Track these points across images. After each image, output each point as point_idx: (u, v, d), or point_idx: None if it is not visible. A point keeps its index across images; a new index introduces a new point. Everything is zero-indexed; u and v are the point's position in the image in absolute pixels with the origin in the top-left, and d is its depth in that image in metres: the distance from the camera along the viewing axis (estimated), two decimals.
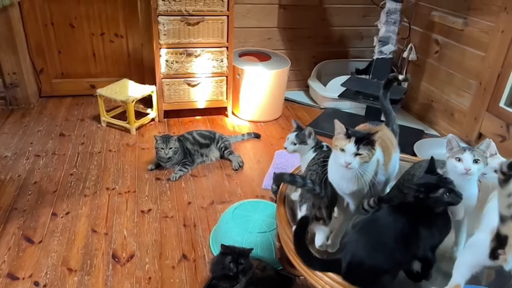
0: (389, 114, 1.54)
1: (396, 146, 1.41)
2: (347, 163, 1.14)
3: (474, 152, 1.17)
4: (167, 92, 2.99)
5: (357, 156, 1.14)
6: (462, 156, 1.17)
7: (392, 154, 1.34)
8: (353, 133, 1.16)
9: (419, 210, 1.12)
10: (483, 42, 2.64)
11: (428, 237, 1.11)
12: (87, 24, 3.19)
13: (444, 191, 1.09)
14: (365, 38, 3.71)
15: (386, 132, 1.38)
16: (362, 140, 1.13)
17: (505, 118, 2.50)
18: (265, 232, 1.83)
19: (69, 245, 1.91)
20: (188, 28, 2.82)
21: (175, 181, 2.41)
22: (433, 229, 1.12)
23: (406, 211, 1.14)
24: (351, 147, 1.13)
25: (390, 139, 1.37)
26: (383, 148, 1.29)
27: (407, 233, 1.11)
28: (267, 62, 3.17)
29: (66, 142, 2.74)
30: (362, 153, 1.13)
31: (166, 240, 1.97)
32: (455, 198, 1.09)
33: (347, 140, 1.14)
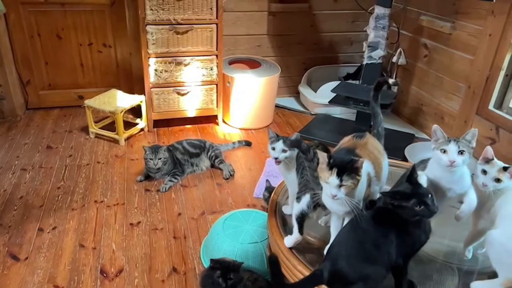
0: (376, 116, 1.52)
1: (383, 152, 1.39)
2: (332, 195, 1.12)
3: (459, 143, 1.17)
4: (156, 102, 2.96)
5: (342, 187, 1.11)
6: (447, 147, 1.16)
7: (382, 163, 1.32)
8: (335, 163, 1.12)
9: (393, 217, 1.11)
10: (471, 46, 2.65)
11: (400, 245, 1.10)
12: (74, 35, 3.16)
13: (415, 202, 1.06)
14: (354, 44, 3.71)
15: (372, 141, 1.35)
16: (345, 169, 1.11)
17: (494, 121, 2.50)
18: (257, 242, 1.80)
19: (55, 261, 1.86)
20: (177, 37, 2.79)
21: (165, 192, 2.37)
22: (406, 238, 1.10)
23: (382, 217, 1.13)
24: (334, 180, 1.11)
25: (377, 147, 1.35)
26: (373, 161, 1.27)
27: (381, 240, 1.10)
28: (257, 69, 3.16)
29: (53, 155, 2.70)
30: (346, 184, 1.11)
31: (155, 253, 1.93)
32: (425, 211, 1.05)
33: (330, 172, 1.12)
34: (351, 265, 1.10)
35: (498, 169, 1.15)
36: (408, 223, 1.09)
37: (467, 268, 1.35)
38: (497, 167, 1.16)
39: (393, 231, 1.10)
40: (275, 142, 1.42)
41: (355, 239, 1.13)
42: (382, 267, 1.11)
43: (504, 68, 2.43)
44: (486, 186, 1.16)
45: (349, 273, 1.10)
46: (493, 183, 1.15)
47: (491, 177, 1.16)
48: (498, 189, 1.16)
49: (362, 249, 1.11)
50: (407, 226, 1.09)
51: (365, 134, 1.37)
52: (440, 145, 1.19)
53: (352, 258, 1.11)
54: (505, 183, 1.15)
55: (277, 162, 1.44)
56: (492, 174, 1.16)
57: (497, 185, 1.15)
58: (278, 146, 1.41)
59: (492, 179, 1.16)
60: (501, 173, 1.14)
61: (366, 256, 1.10)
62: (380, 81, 1.53)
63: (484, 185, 1.17)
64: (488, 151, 1.18)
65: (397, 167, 1.84)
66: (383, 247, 1.10)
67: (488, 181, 1.16)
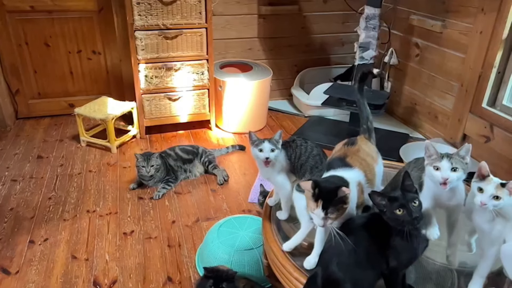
0: (363, 110, 1.48)
1: (377, 156, 1.36)
2: (320, 225, 1.10)
3: (453, 159, 1.10)
4: (148, 108, 2.92)
5: (328, 218, 1.09)
6: (439, 164, 1.10)
7: (375, 169, 1.29)
8: (320, 193, 1.08)
9: (385, 226, 1.07)
10: (462, 44, 2.65)
11: (392, 255, 1.07)
12: (62, 42, 3.12)
13: (397, 205, 1.02)
14: (346, 45, 3.70)
15: (364, 147, 1.32)
16: (330, 201, 1.07)
17: (488, 119, 2.50)
18: (252, 249, 1.77)
19: (47, 274, 1.81)
20: (167, 42, 2.77)
21: (158, 200, 2.33)
22: (397, 249, 1.06)
23: (374, 226, 1.10)
24: (319, 212, 1.08)
25: (370, 153, 1.31)
26: (365, 168, 1.24)
27: (372, 249, 1.08)
28: (248, 72, 3.13)
29: (44, 165, 2.65)
30: (332, 217, 1.08)
31: (150, 262, 1.89)
32: (406, 216, 1.01)
33: (315, 203, 1.09)
34: (341, 270, 1.09)
35: (496, 186, 1.07)
36: (400, 233, 1.04)
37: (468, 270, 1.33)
38: (494, 184, 1.07)
39: (384, 240, 1.07)
40: (260, 143, 1.38)
41: (346, 247, 1.11)
42: (373, 274, 1.09)
43: (496, 65, 2.43)
44: (485, 205, 1.07)
45: (340, 277, 1.08)
46: (491, 201, 1.06)
47: (488, 195, 1.06)
48: (499, 207, 1.07)
49: (353, 255, 1.09)
50: (399, 236, 1.05)
51: (357, 140, 1.34)
52: (432, 161, 1.12)
53: (343, 263, 1.09)
54: (505, 201, 1.06)
55: (268, 163, 1.39)
56: (490, 192, 1.07)
57: (496, 203, 1.06)
58: (265, 146, 1.37)
59: (490, 197, 1.06)
60: (499, 190, 1.06)
61: (357, 263, 1.08)
62: (365, 71, 1.50)
63: (482, 204, 1.07)
64: (483, 167, 1.09)
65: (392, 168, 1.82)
66: (374, 255, 1.08)
67: (486, 199, 1.07)
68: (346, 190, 1.06)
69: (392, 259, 1.07)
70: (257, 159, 1.41)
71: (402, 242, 1.04)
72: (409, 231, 1.02)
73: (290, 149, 1.45)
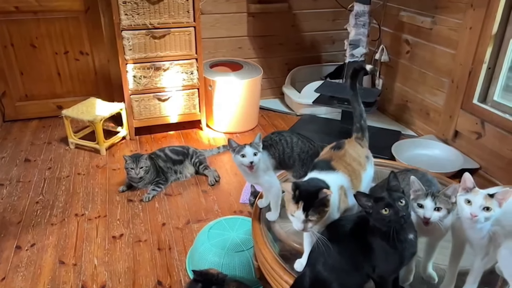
0: (356, 108, 1.44)
1: (365, 161, 1.31)
2: (299, 229, 1.08)
3: (438, 198, 1.07)
4: (137, 109, 2.88)
5: (309, 221, 1.07)
6: (423, 202, 1.08)
7: (361, 175, 1.25)
8: (300, 195, 1.07)
9: (372, 229, 1.05)
10: (453, 40, 2.64)
11: (378, 259, 1.05)
12: (49, 43, 3.07)
13: (382, 205, 1.00)
14: (336, 42, 3.68)
15: (351, 152, 1.28)
16: (311, 204, 1.05)
17: (479, 115, 2.49)
18: (243, 250, 1.75)
19: (34, 281, 1.78)
20: (154, 42, 2.73)
21: (148, 202, 2.30)
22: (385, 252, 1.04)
23: (357, 227, 1.09)
24: (299, 214, 1.06)
25: (357, 158, 1.27)
26: (350, 173, 1.21)
27: (358, 252, 1.06)
28: (239, 71, 3.10)
29: (31, 168, 2.60)
30: (313, 219, 1.06)
31: (139, 266, 1.86)
32: (392, 216, 0.98)
33: (296, 205, 1.07)
34: (327, 270, 1.08)
35: (484, 197, 1.01)
36: (386, 235, 1.02)
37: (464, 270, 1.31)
38: (481, 195, 1.02)
39: (371, 243, 1.05)
40: (242, 149, 1.36)
41: (334, 248, 1.09)
42: (359, 277, 1.08)
43: (486, 61, 2.42)
44: (476, 217, 1.01)
45: (326, 277, 1.07)
46: (482, 212, 1.01)
47: (478, 206, 1.01)
48: (490, 219, 1.02)
49: (337, 257, 1.08)
50: (384, 238, 1.03)
51: (344, 143, 1.30)
52: (417, 197, 1.09)
53: (328, 264, 1.08)
54: (496, 212, 1.01)
55: (252, 167, 1.37)
56: (479, 203, 1.01)
57: (487, 215, 1.01)
58: (247, 151, 1.35)
59: (480, 208, 1.01)
60: (488, 200, 1.01)
61: (342, 265, 1.07)
62: (356, 67, 1.45)
63: (473, 216, 1.01)
64: (468, 179, 1.05)
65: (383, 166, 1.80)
66: (359, 258, 1.06)
67: (476, 210, 1.01)
68: (328, 191, 1.05)
69: (377, 263, 1.05)
70: (240, 166, 1.40)
71: (387, 245, 1.02)
72: (396, 233, 1.00)
73: (271, 148, 1.44)
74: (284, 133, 1.50)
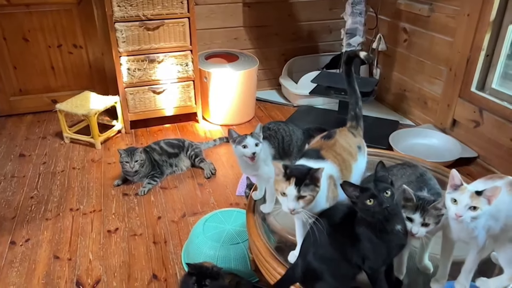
0: (353, 94, 1.42)
1: (357, 151, 1.27)
2: (290, 210, 1.05)
3: (426, 214, 1.04)
4: (132, 102, 2.85)
5: (300, 199, 1.04)
6: (412, 216, 1.05)
7: (352, 165, 1.22)
8: (292, 172, 1.06)
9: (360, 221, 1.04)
10: (450, 27, 2.59)
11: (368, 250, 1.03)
12: (42, 37, 3.03)
13: (367, 195, 0.98)
14: (333, 32, 3.64)
15: (342, 142, 1.25)
16: (303, 180, 1.04)
17: (477, 103, 2.46)
18: (239, 243, 1.73)
19: (29, 276, 1.76)
20: (148, 33, 2.69)
21: (143, 196, 2.28)
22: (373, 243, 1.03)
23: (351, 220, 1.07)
24: (291, 190, 1.04)
25: (347, 148, 1.25)
26: (339, 163, 1.19)
27: (348, 243, 1.06)
28: (234, 62, 3.06)
29: (26, 163, 2.58)
30: (305, 195, 1.04)
31: (135, 260, 1.85)
32: (376, 207, 0.97)
33: (287, 182, 1.05)
34: (317, 260, 1.07)
35: (470, 195, 0.97)
36: (371, 225, 1.01)
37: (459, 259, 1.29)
38: (468, 193, 0.97)
39: (358, 234, 1.04)
40: (243, 140, 1.33)
41: (323, 238, 1.08)
42: (350, 268, 1.06)
43: (484, 48, 2.38)
44: (461, 217, 0.97)
45: (317, 267, 1.07)
46: (468, 212, 0.96)
47: (463, 205, 0.97)
48: (478, 219, 0.98)
49: (327, 247, 1.07)
50: (369, 229, 1.02)
51: (335, 133, 1.28)
52: (407, 209, 1.06)
53: (318, 254, 1.08)
54: (484, 211, 0.96)
55: (253, 158, 1.35)
56: (464, 202, 0.97)
57: (473, 215, 0.96)
58: (249, 142, 1.33)
59: (465, 208, 0.97)
60: (474, 199, 0.96)
61: (332, 255, 1.06)
62: (350, 54, 1.43)
63: (458, 216, 0.97)
64: (455, 176, 1.00)
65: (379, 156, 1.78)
66: (348, 249, 1.05)
67: (461, 211, 0.97)
68: (320, 168, 1.04)
69: (365, 254, 1.03)
70: (241, 158, 1.37)
71: (373, 236, 1.00)
72: (382, 224, 0.98)
73: (271, 138, 1.44)
74: (279, 122, 1.50)
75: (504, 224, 1.04)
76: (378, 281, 1.04)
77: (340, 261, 1.05)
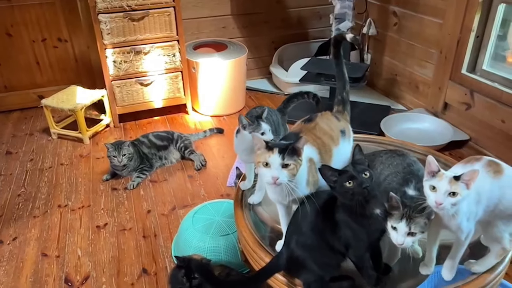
0: (341, 78, 1.40)
1: (339, 136, 1.23)
2: (274, 178, 1.01)
3: (412, 223, 0.96)
4: (119, 95, 2.80)
5: (284, 168, 1.01)
6: (397, 225, 0.98)
7: (332, 150, 1.19)
8: (274, 144, 1.04)
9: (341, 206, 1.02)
10: (440, 9, 2.55)
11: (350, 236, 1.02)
12: (25, 31, 2.96)
13: (346, 177, 0.96)
14: (323, 18, 3.58)
15: (323, 125, 1.22)
16: (286, 149, 1.01)
17: (468, 85, 2.43)
18: (228, 234, 1.71)
19: (16, 274, 1.74)
20: (133, 24, 2.63)
21: (133, 190, 2.25)
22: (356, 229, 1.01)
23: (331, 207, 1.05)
24: (275, 158, 1.01)
25: (328, 132, 1.21)
26: (319, 146, 1.16)
27: (328, 229, 1.04)
28: (222, 52, 3.01)
29: (13, 161, 2.54)
30: (289, 163, 1.01)
31: (124, 255, 1.82)
32: (356, 187, 0.95)
33: (270, 152, 1.02)
34: (299, 248, 1.06)
35: (449, 180, 0.93)
36: (349, 209, 0.99)
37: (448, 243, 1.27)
38: (446, 179, 0.93)
39: (338, 221, 1.02)
40: (259, 126, 1.29)
41: (305, 226, 1.06)
42: (333, 255, 1.05)
43: (474, 29, 2.35)
44: (441, 205, 0.93)
45: (300, 255, 1.05)
46: (448, 199, 0.92)
47: (443, 192, 0.93)
48: (457, 205, 0.94)
49: (309, 235, 1.06)
50: (352, 214, 1.00)
51: (316, 116, 1.24)
52: (393, 219, 0.98)
53: (300, 242, 1.07)
54: (463, 196, 0.93)
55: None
56: (444, 188, 0.93)
57: (453, 201, 0.92)
58: (265, 127, 1.30)
59: (445, 195, 0.93)
60: (453, 184, 0.92)
61: (313, 242, 1.05)
62: (337, 37, 1.40)
63: (438, 204, 0.93)
64: (432, 162, 0.96)
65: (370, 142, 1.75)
66: (331, 236, 1.03)
67: (441, 198, 0.93)
68: (303, 138, 1.02)
69: (346, 241, 1.02)
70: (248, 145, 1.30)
71: (351, 221, 0.99)
72: (360, 207, 0.96)
73: (268, 121, 1.41)
74: (265, 107, 1.48)
75: (487, 206, 1.01)
76: (365, 268, 1.02)
77: (323, 248, 1.04)
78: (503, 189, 1.01)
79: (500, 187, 1.01)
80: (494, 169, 1.02)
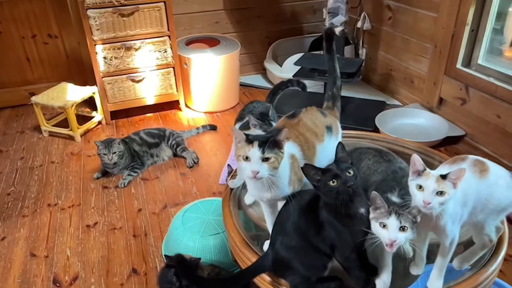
0: (332, 73, 1.37)
1: (324, 132, 1.20)
2: (254, 173, 0.98)
3: (402, 217, 0.92)
4: (110, 92, 2.77)
5: (265, 162, 0.98)
6: (387, 221, 0.92)
7: (316, 147, 1.15)
8: (254, 137, 1.01)
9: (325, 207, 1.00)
10: (434, 2, 2.51)
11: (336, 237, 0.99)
12: (14, 27, 2.92)
13: (329, 176, 0.93)
14: (317, 12, 3.54)
15: (307, 121, 1.18)
16: (266, 142, 0.98)
17: (463, 80, 2.40)
18: (219, 233, 1.68)
19: (4, 275, 1.71)
20: (123, 20, 2.59)
21: (124, 188, 2.22)
22: (323, 231, 1.00)
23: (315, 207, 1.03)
24: (255, 152, 0.98)
25: (312, 128, 1.17)
26: (301, 143, 1.13)
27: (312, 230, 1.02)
28: (216, 47, 2.97)
29: (3, 159, 2.51)
30: (270, 157, 0.98)
31: (114, 255, 1.80)
32: (340, 186, 0.92)
33: (250, 145, 0.99)
34: (283, 249, 1.04)
35: (436, 179, 0.90)
36: (333, 209, 0.96)
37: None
38: (433, 178, 0.91)
39: (322, 221, 1.00)
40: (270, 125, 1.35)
41: (289, 226, 1.04)
42: (319, 256, 1.02)
43: (469, 23, 2.31)
44: (430, 204, 0.90)
45: (285, 256, 1.03)
46: (436, 198, 0.90)
47: (430, 191, 0.90)
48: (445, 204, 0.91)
49: (294, 236, 1.03)
50: (336, 214, 0.97)
51: (300, 112, 1.21)
52: (379, 216, 0.94)
53: (284, 243, 1.04)
54: (451, 195, 0.90)
55: None
56: (431, 187, 0.90)
57: (441, 200, 0.90)
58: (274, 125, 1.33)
59: (433, 193, 0.90)
60: (440, 183, 0.90)
61: (299, 243, 1.03)
62: (327, 31, 1.37)
63: (426, 203, 0.90)
64: (417, 161, 0.93)
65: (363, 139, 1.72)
66: (315, 237, 1.01)
67: (428, 197, 0.90)
68: (284, 130, 0.99)
69: (331, 242, 1.00)
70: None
71: (336, 221, 0.96)
72: (344, 207, 0.93)
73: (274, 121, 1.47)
74: (255, 101, 1.53)
75: (473, 208, 0.99)
76: (352, 269, 1.00)
77: (307, 249, 1.01)
78: (491, 188, 0.99)
79: (488, 186, 0.99)
80: (480, 168, 0.99)
